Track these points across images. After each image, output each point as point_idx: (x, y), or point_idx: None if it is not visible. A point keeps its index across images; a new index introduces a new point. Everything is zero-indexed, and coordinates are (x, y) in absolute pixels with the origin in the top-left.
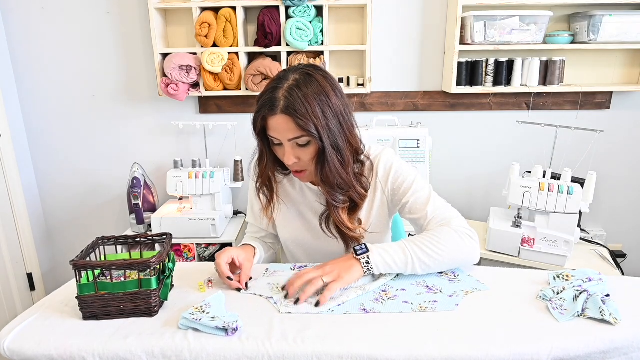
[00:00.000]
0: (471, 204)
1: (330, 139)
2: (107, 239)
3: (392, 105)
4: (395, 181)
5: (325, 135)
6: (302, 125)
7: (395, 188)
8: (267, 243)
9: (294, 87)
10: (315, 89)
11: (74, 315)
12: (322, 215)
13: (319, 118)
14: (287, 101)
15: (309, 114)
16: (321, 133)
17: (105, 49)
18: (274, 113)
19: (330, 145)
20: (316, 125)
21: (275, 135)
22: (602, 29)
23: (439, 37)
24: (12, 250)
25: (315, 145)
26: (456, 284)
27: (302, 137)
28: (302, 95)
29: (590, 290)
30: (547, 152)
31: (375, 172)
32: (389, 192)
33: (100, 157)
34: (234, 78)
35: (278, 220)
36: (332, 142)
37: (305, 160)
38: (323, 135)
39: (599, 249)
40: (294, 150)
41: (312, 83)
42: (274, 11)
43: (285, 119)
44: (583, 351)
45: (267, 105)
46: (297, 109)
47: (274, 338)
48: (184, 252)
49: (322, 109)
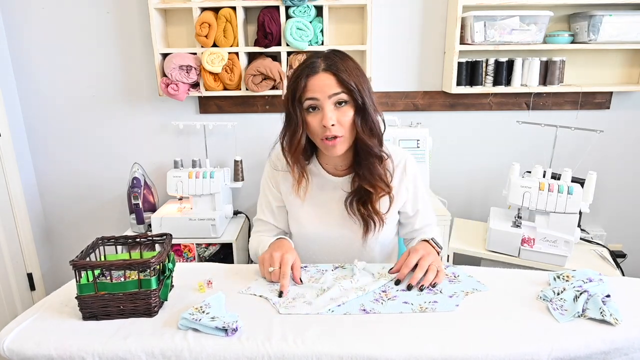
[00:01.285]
0: (471, 204)
1: (368, 98)
2: (107, 239)
3: (392, 105)
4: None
5: (364, 93)
6: (344, 79)
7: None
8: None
9: (332, 55)
10: (351, 61)
11: (73, 316)
12: (347, 199)
13: (358, 78)
14: (328, 62)
15: (349, 72)
16: (361, 90)
17: (105, 49)
18: (316, 72)
19: (369, 102)
20: (356, 83)
21: (315, 95)
22: (602, 29)
23: (439, 37)
24: (12, 250)
25: (352, 109)
26: (456, 285)
27: (342, 94)
28: (341, 60)
29: (591, 291)
30: (547, 152)
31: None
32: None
33: (101, 157)
34: (234, 78)
35: (300, 215)
36: (370, 101)
37: (342, 123)
38: (363, 92)
39: (599, 249)
40: (334, 111)
41: (348, 57)
42: (274, 11)
43: (327, 75)
44: (583, 352)
45: (308, 68)
46: (338, 67)
47: (274, 338)
48: (184, 252)
49: (358, 74)
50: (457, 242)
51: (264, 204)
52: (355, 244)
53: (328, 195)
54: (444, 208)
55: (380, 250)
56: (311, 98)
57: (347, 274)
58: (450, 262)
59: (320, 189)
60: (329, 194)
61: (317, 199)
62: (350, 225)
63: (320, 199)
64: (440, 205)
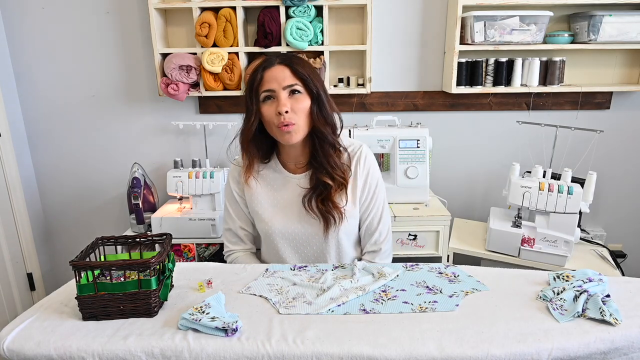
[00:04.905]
0: (471, 204)
1: (322, 90)
2: (106, 239)
3: (392, 105)
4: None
5: (317, 85)
6: (298, 71)
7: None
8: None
9: (287, 55)
10: (305, 61)
11: (73, 316)
12: (305, 197)
13: (312, 71)
14: (283, 57)
15: (303, 65)
16: (314, 81)
17: (105, 49)
18: (272, 65)
19: (322, 93)
20: (309, 74)
21: (270, 87)
22: (602, 29)
23: (439, 37)
24: (12, 250)
25: (307, 99)
26: (456, 285)
27: (296, 85)
28: (297, 58)
29: (591, 291)
30: (547, 152)
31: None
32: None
33: (100, 157)
34: (234, 78)
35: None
36: (323, 93)
37: (296, 111)
38: (316, 84)
39: (599, 249)
40: (288, 100)
41: (304, 59)
42: (274, 11)
43: (282, 67)
44: (583, 352)
45: (265, 62)
46: (293, 61)
47: (274, 338)
48: (184, 252)
49: (312, 70)
50: (457, 242)
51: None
52: (318, 239)
53: (288, 193)
54: (444, 208)
55: (347, 242)
56: (267, 90)
57: (347, 274)
58: (450, 262)
59: (281, 186)
60: (290, 191)
61: (278, 197)
62: (311, 221)
63: (282, 196)
64: (440, 205)
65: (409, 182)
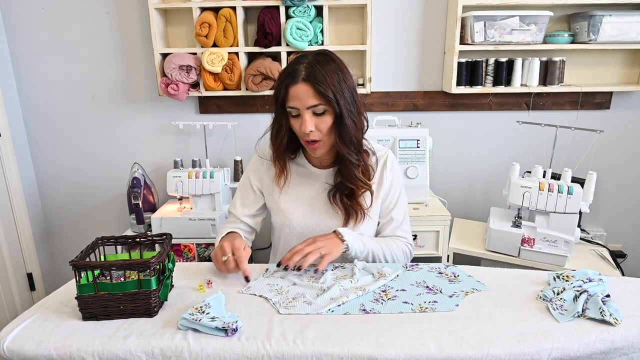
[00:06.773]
0: (471, 204)
1: (346, 107)
2: (106, 239)
3: (392, 105)
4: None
5: (342, 102)
6: (322, 91)
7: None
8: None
9: (314, 62)
10: (332, 66)
11: (73, 316)
12: (330, 191)
13: (336, 87)
14: (308, 71)
15: (327, 82)
16: (338, 100)
17: (105, 49)
18: (296, 82)
19: (346, 112)
20: (334, 93)
21: (295, 104)
22: (602, 29)
23: (439, 37)
24: (12, 250)
25: (331, 116)
26: (456, 285)
27: (320, 105)
28: (322, 68)
29: (591, 291)
30: (547, 152)
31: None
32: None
33: (101, 157)
34: (234, 78)
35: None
36: (347, 110)
37: (321, 129)
38: (340, 102)
39: (599, 249)
40: (312, 119)
41: (330, 61)
42: (274, 11)
43: (306, 86)
44: (583, 351)
45: (290, 76)
46: (317, 78)
47: (274, 338)
48: (184, 252)
49: (338, 81)
50: (457, 242)
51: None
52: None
53: (312, 186)
54: (444, 208)
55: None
56: (292, 107)
57: (347, 274)
58: (450, 262)
59: (305, 180)
60: (314, 185)
61: (301, 190)
62: (331, 216)
63: (305, 189)
64: (440, 205)
65: (409, 182)
